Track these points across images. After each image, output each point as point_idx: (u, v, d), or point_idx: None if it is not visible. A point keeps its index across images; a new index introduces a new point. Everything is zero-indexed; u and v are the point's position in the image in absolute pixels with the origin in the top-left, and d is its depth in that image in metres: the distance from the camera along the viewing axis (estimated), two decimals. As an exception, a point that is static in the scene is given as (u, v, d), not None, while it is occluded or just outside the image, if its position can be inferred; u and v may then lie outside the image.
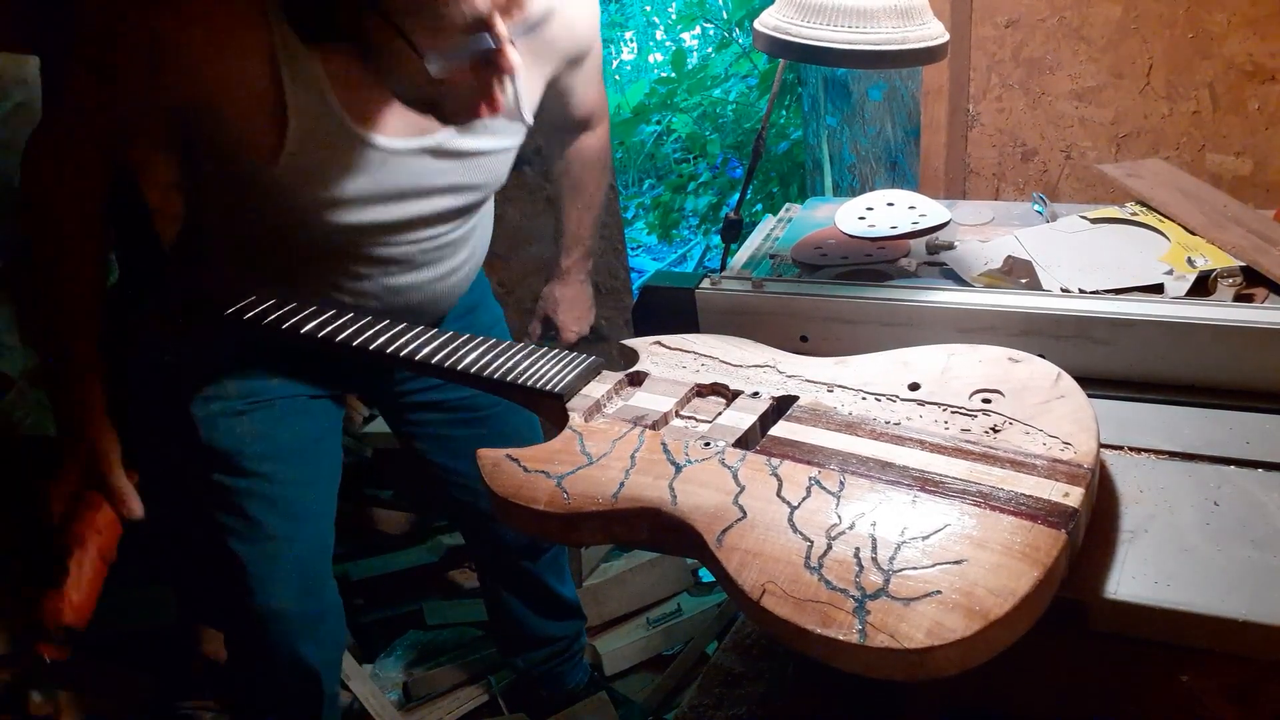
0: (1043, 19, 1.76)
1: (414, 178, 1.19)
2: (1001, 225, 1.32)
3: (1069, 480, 0.79)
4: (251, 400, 1.34)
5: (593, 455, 0.90)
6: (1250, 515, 0.83)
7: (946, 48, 1.17)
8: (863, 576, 0.72)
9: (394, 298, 1.29)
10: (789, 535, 0.77)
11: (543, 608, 1.78)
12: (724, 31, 4.29)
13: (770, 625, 0.72)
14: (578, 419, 0.97)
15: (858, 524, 0.77)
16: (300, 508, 1.38)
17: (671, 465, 0.87)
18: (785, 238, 1.37)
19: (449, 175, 1.22)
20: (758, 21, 1.20)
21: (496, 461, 0.91)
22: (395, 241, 1.24)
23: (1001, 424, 0.86)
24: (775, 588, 0.72)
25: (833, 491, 0.81)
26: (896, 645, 0.67)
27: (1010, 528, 0.75)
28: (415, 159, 1.17)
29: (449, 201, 1.24)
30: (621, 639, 2.08)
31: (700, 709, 1.41)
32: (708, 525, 0.79)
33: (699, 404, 0.99)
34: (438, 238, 1.28)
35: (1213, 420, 0.95)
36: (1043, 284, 1.13)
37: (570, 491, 0.86)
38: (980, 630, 0.67)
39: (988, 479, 0.80)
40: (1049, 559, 0.72)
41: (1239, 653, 0.76)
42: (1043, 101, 1.82)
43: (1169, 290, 1.09)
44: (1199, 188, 1.29)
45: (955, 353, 0.97)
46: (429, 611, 2.16)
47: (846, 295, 1.11)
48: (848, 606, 0.70)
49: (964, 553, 0.73)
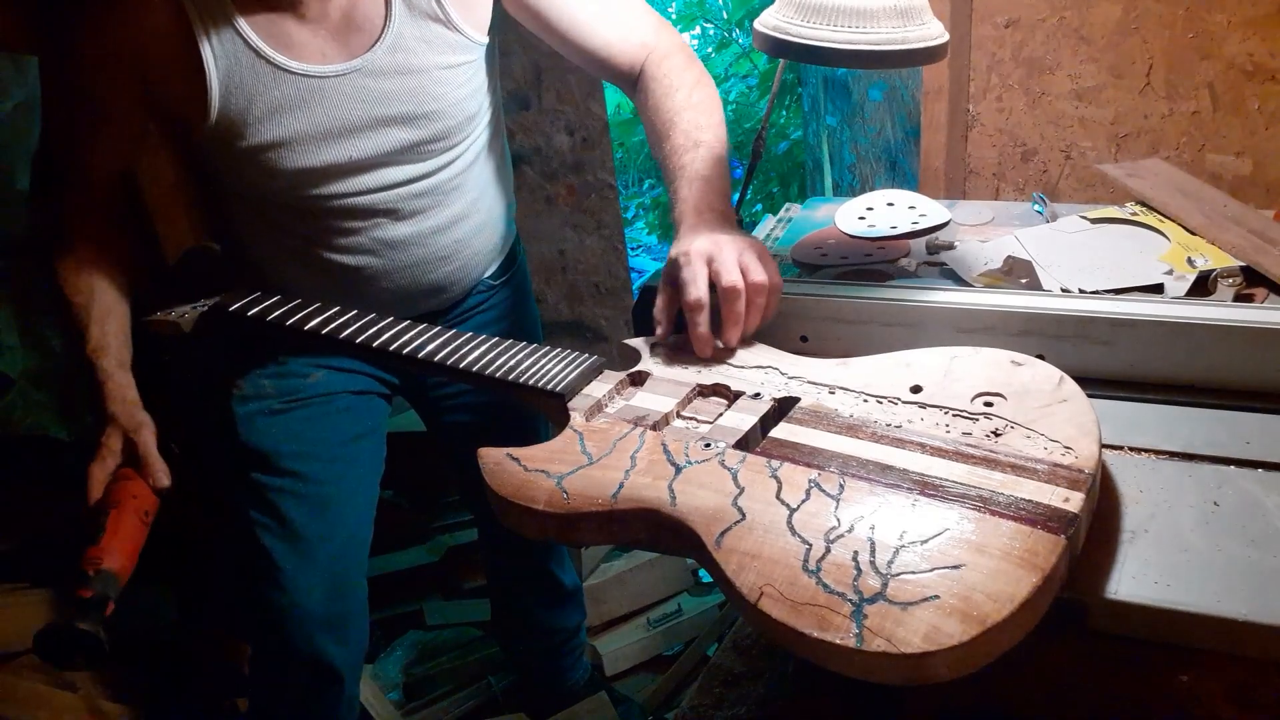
0: (1043, 19, 1.76)
1: (355, 106, 1.17)
2: (1001, 225, 1.32)
3: (1069, 485, 0.78)
4: (289, 399, 1.34)
5: (593, 455, 0.90)
6: (1250, 515, 0.83)
7: (946, 48, 1.17)
8: (861, 580, 0.72)
9: (395, 254, 1.28)
10: (788, 538, 0.76)
11: (546, 597, 1.78)
12: (724, 31, 4.28)
13: (767, 628, 0.71)
14: (579, 419, 0.97)
15: (857, 527, 0.77)
16: (335, 507, 1.37)
17: (672, 466, 0.87)
18: (785, 238, 1.37)
19: (394, 102, 1.19)
20: (758, 21, 1.20)
21: (498, 461, 0.90)
22: (366, 188, 1.22)
23: (1003, 428, 0.86)
24: (773, 590, 0.72)
25: (832, 494, 0.81)
26: (893, 650, 0.66)
27: (1009, 533, 0.74)
28: (348, 84, 1.16)
29: (405, 134, 1.21)
30: (622, 639, 2.08)
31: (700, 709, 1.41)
32: (706, 527, 0.79)
33: (700, 405, 0.99)
34: (414, 182, 1.25)
35: (1213, 420, 0.95)
36: (1043, 284, 1.13)
37: (569, 491, 0.85)
38: (977, 636, 0.67)
39: (988, 483, 0.80)
40: (1048, 564, 0.71)
41: (1239, 653, 0.76)
42: (1043, 101, 1.82)
43: (1169, 290, 1.09)
44: (1199, 188, 1.28)
45: (957, 355, 0.97)
46: (429, 611, 2.16)
47: (846, 295, 1.11)
48: (845, 610, 0.69)
49: (963, 557, 0.73)
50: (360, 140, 1.19)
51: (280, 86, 1.13)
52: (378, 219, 1.25)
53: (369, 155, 1.20)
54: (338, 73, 1.15)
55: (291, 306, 1.17)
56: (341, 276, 1.29)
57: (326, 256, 1.27)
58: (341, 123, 1.17)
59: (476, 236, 1.36)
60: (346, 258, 1.27)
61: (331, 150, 1.18)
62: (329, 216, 1.23)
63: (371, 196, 1.23)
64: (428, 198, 1.27)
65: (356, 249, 1.27)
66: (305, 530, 1.34)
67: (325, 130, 1.16)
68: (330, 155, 1.18)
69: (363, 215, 1.24)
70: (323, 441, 1.36)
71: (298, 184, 1.19)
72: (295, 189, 1.20)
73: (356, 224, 1.25)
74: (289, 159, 1.16)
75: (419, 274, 1.32)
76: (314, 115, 1.15)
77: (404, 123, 1.20)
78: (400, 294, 1.32)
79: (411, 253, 1.29)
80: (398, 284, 1.31)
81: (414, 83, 1.19)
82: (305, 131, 1.15)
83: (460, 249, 1.34)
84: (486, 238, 1.39)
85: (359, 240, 1.26)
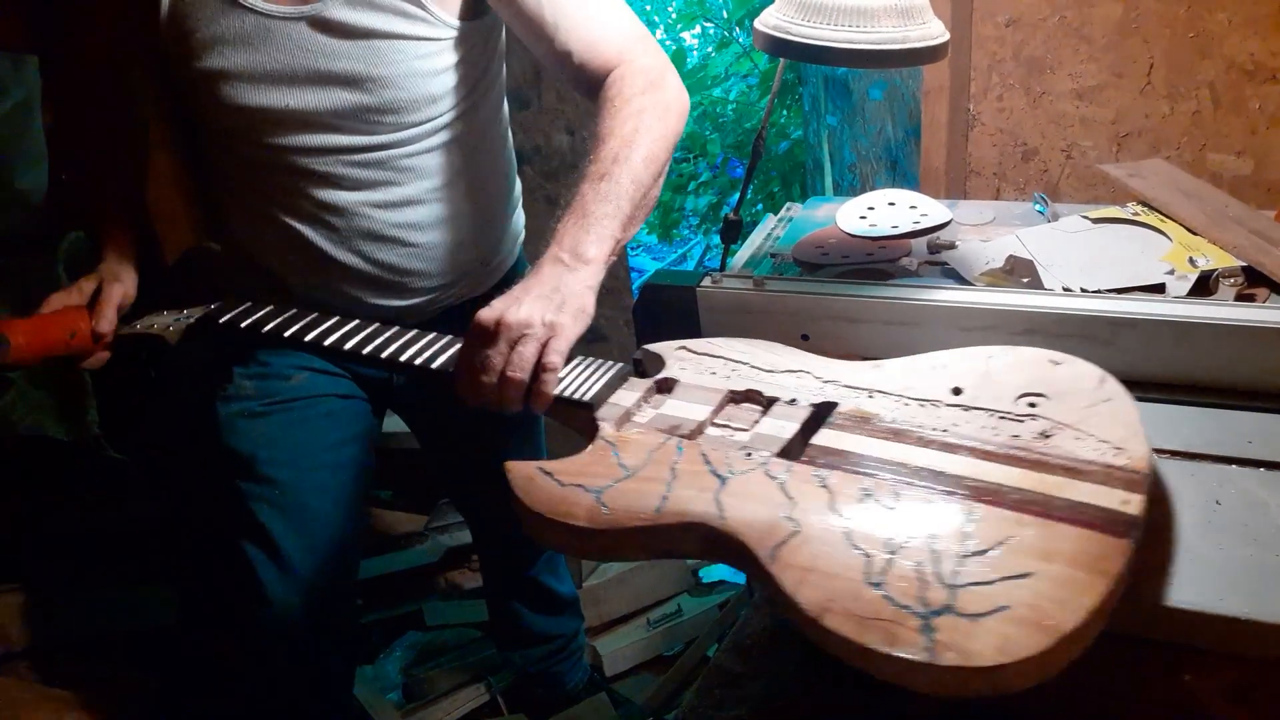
0: (1043, 18, 1.76)
1: (301, 55, 1.17)
2: (1003, 225, 1.32)
3: (1126, 487, 0.76)
4: (269, 401, 1.32)
5: (630, 467, 0.87)
6: (1251, 515, 0.83)
7: (947, 47, 1.17)
8: (927, 592, 0.69)
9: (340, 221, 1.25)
10: (847, 550, 0.74)
11: (541, 605, 1.78)
12: (724, 31, 4.28)
13: (831, 644, 0.69)
14: (609, 428, 0.93)
15: (917, 537, 0.74)
16: (318, 519, 1.33)
17: (715, 477, 0.84)
18: (786, 237, 1.37)
19: (340, 58, 1.17)
20: (758, 21, 1.20)
21: (529, 476, 0.86)
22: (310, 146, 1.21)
23: (1051, 429, 0.84)
24: (837, 605, 0.69)
25: (887, 504, 0.78)
26: (966, 664, 0.64)
27: (1073, 538, 0.72)
28: (294, 28, 1.16)
29: (351, 96, 1.19)
30: (622, 640, 2.08)
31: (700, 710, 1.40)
32: (760, 540, 0.76)
33: (733, 412, 0.95)
34: (362, 152, 1.23)
35: (1214, 420, 0.95)
36: (1044, 283, 1.13)
37: (611, 506, 0.82)
38: (1052, 646, 0.65)
39: (1044, 487, 0.77)
40: (1115, 569, 0.69)
41: (1239, 653, 0.76)
42: (1043, 101, 1.82)
43: (1170, 290, 1.09)
44: (1200, 187, 1.28)
45: (994, 355, 0.94)
46: (429, 611, 2.16)
47: (848, 294, 1.11)
48: (913, 624, 0.67)
49: (1029, 565, 0.70)
50: (304, 92, 1.18)
51: (226, 16, 1.16)
52: (322, 183, 1.24)
53: (311, 108, 1.19)
54: (285, 15, 1.16)
55: (288, 317, 1.14)
56: (297, 241, 1.27)
57: (282, 219, 1.26)
58: (285, 68, 1.17)
59: (437, 228, 1.31)
60: (297, 222, 1.26)
61: (273, 95, 1.18)
62: (279, 172, 1.23)
63: (317, 158, 1.22)
64: (374, 170, 1.24)
65: (304, 213, 1.26)
66: (286, 543, 1.30)
67: (268, 72, 1.17)
68: (271, 99, 1.18)
69: (305, 176, 1.23)
70: (303, 448, 1.33)
71: (244, 125, 1.21)
72: (245, 131, 1.21)
73: (303, 184, 1.24)
74: (231, 94, 1.18)
75: (368, 249, 1.28)
76: (257, 54, 1.17)
77: (350, 84, 1.18)
78: (355, 274, 1.29)
79: (356, 223, 1.26)
80: (347, 258, 1.28)
81: (366, 44, 1.17)
82: (246, 68, 1.17)
83: (412, 234, 1.29)
84: (454, 236, 1.33)
85: (303, 204, 1.25)
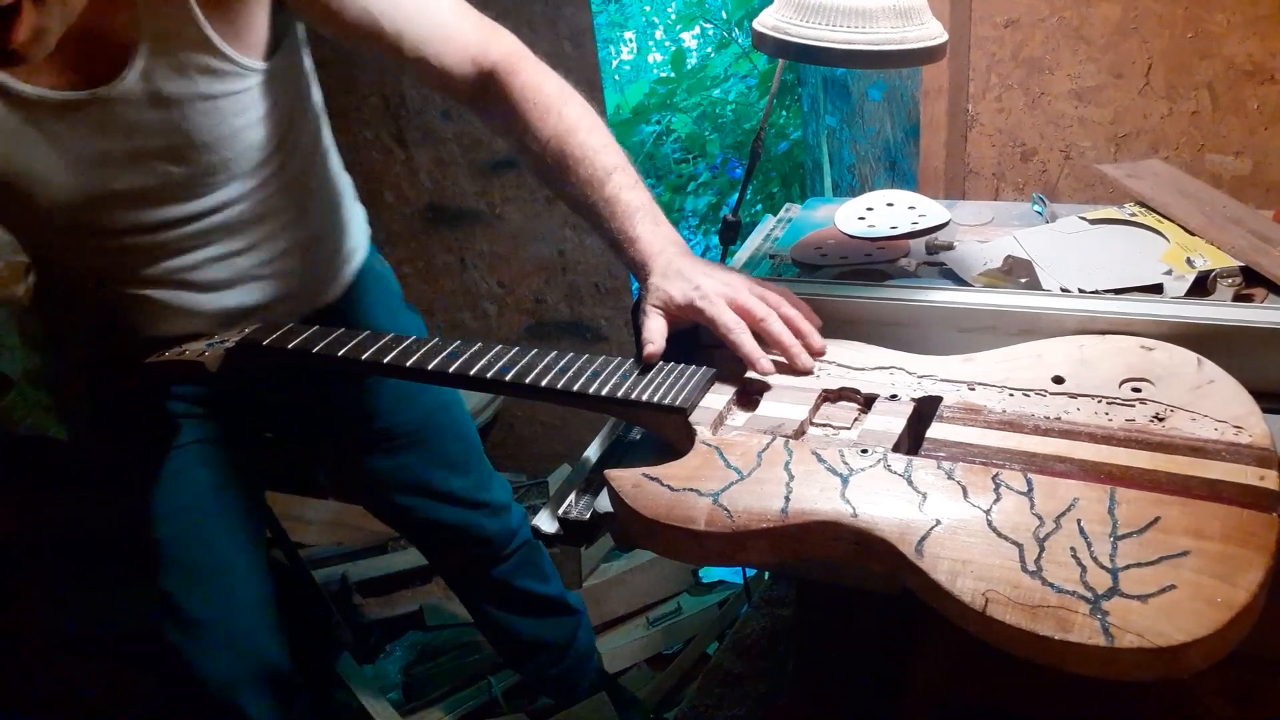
0: (1042, 19, 1.76)
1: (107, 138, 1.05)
2: (1001, 225, 1.32)
3: (1258, 463, 0.76)
4: (162, 446, 1.27)
5: (741, 470, 0.85)
6: (1250, 515, 0.83)
7: (946, 48, 1.17)
8: (1088, 576, 0.69)
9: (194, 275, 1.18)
10: (994, 540, 0.73)
11: (519, 608, 1.70)
12: (724, 31, 4.29)
13: (996, 635, 0.68)
14: (706, 432, 0.91)
15: (1063, 523, 0.74)
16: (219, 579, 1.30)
17: (835, 475, 0.82)
18: (785, 238, 1.37)
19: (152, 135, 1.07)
20: (757, 21, 1.20)
21: (637, 483, 0.84)
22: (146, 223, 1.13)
23: (1164, 412, 0.83)
24: (999, 595, 0.69)
25: (1022, 491, 0.77)
26: (1148, 644, 0.64)
27: (1222, 515, 0.72)
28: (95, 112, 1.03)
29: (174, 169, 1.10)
30: (621, 638, 2.08)
31: (701, 709, 1.41)
32: (901, 536, 0.75)
33: (831, 410, 0.94)
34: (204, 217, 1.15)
35: (1213, 420, 0.95)
36: (1042, 284, 1.13)
37: (732, 509, 0.80)
38: (1229, 621, 0.65)
39: (1175, 467, 0.77)
40: (1270, 543, 0.69)
41: (1240, 652, 0.76)
42: (1042, 101, 1.82)
43: (1168, 290, 1.09)
44: (1198, 188, 1.29)
45: (1085, 344, 0.94)
46: (429, 612, 2.16)
47: (846, 295, 1.11)
48: (1082, 609, 0.67)
49: (1185, 544, 0.70)
50: (122, 172, 1.08)
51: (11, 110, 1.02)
52: (170, 254, 1.16)
53: (135, 188, 1.09)
54: (76, 100, 1.02)
55: (339, 335, 1.08)
56: (150, 304, 1.19)
57: (129, 292, 1.17)
58: (92, 152, 1.06)
59: (288, 257, 1.25)
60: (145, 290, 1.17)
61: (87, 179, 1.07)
62: (126, 254, 1.14)
63: (158, 234, 1.14)
64: (223, 230, 1.17)
65: (152, 281, 1.17)
66: (197, 614, 1.28)
67: (76, 159, 1.05)
68: (87, 186, 1.07)
69: (150, 251, 1.15)
70: (188, 500, 1.28)
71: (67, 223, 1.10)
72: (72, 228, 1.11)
73: (152, 258, 1.16)
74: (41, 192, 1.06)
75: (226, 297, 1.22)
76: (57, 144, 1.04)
77: (168, 157, 1.09)
78: (220, 317, 1.22)
79: (209, 274, 1.20)
80: (206, 305, 1.21)
81: (174, 115, 1.06)
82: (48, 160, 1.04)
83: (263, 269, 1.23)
84: (303, 257, 1.28)
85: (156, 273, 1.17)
